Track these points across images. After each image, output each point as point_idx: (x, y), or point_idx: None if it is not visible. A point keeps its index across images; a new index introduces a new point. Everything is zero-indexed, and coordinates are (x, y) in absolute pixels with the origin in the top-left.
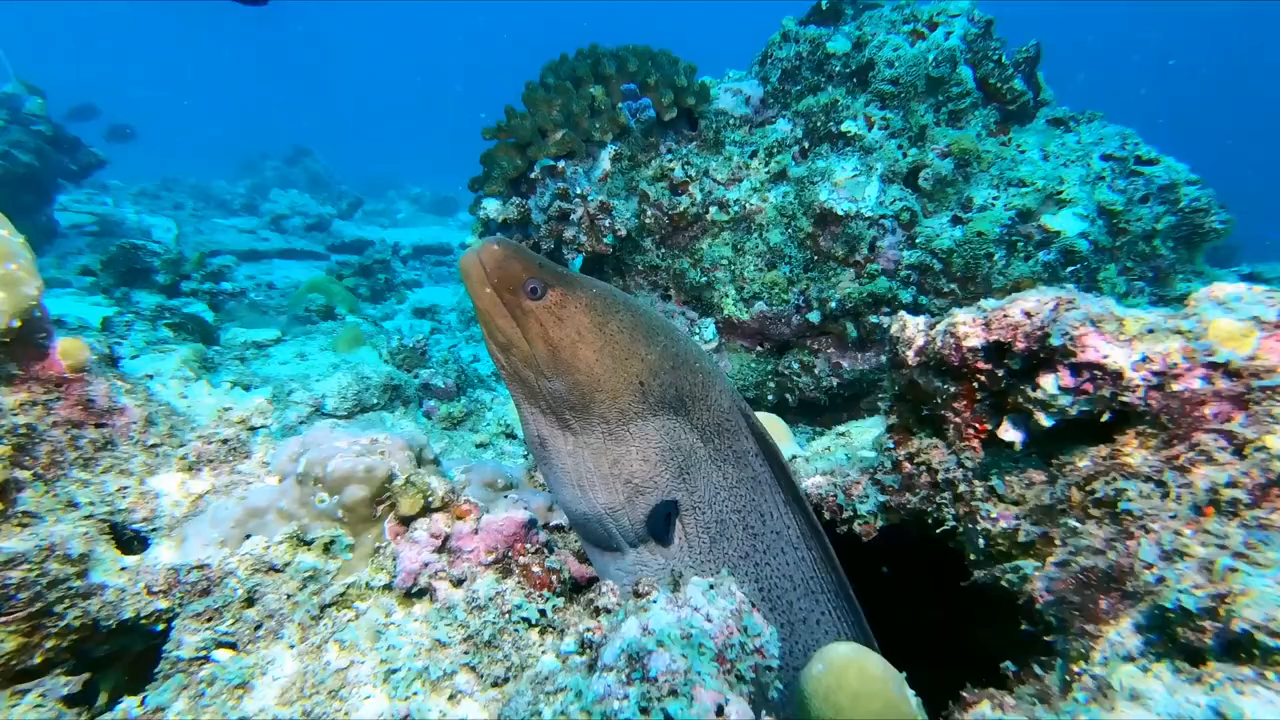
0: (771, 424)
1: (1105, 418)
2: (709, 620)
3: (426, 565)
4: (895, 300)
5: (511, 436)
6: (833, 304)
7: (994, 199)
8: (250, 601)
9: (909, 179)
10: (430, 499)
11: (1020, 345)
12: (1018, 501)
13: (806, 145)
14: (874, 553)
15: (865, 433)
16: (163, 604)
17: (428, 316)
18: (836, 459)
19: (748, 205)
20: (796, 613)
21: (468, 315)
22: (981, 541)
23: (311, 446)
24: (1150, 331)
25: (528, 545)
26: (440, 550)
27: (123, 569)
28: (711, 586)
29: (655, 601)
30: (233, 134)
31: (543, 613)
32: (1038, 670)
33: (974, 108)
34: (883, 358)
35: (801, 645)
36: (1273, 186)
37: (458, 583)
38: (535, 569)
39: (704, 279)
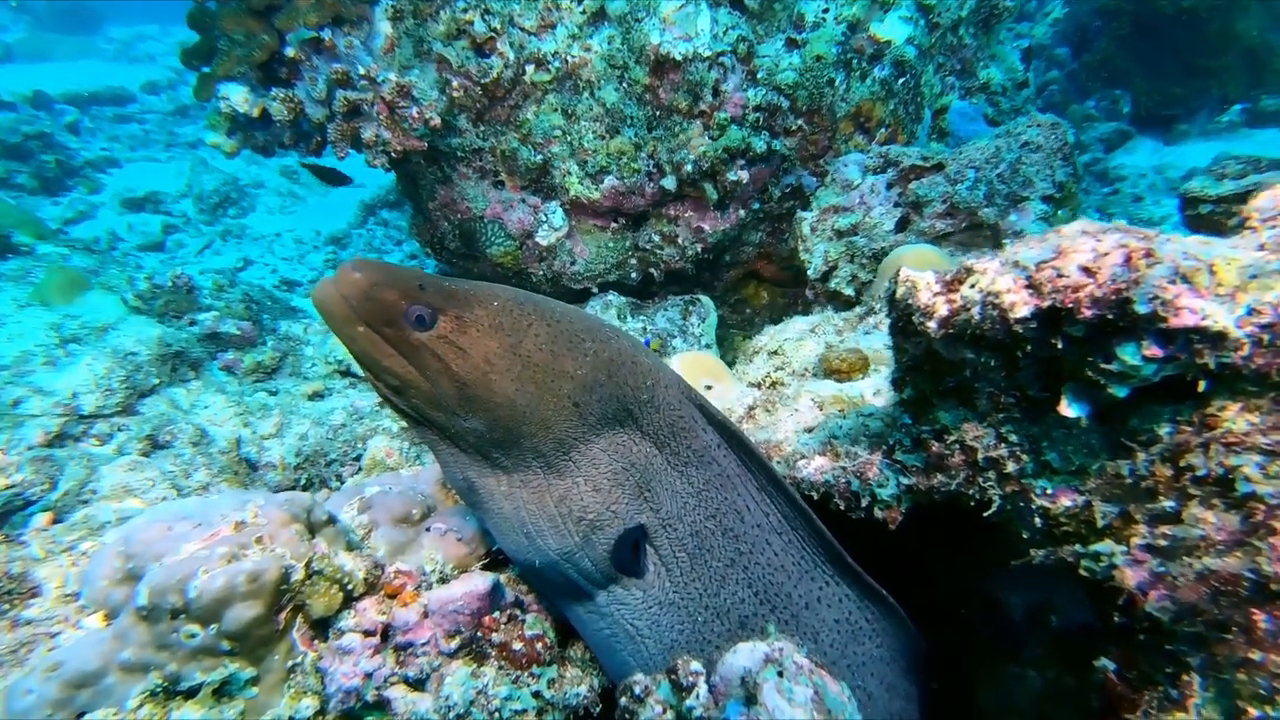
0: (701, 363)
1: (1202, 387)
2: None
3: (370, 676)
4: (750, 150)
5: (348, 375)
6: (688, 166)
7: (824, 12)
8: None
9: None
10: (350, 585)
11: (1087, 312)
12: (1078, 473)
13: None
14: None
15: (800, 347)
16: None
17: (148, 209)
18: (830, 426)
19: (569, 58)
20: (797, 601)
21: (209, 200)
22: (1039, 521)
23: (141, 555)
24: (1254, 277)
25: (498, 616)
26: (382, 649)
27: None
28: (780, 673)
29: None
30: None
31: (538, 694)
32: (1171, 692)
33: None
34: (741, 212)
35: (810, 631)
36: None
37: (417, 685)
38: (516, 645)
39: (539, 157)
